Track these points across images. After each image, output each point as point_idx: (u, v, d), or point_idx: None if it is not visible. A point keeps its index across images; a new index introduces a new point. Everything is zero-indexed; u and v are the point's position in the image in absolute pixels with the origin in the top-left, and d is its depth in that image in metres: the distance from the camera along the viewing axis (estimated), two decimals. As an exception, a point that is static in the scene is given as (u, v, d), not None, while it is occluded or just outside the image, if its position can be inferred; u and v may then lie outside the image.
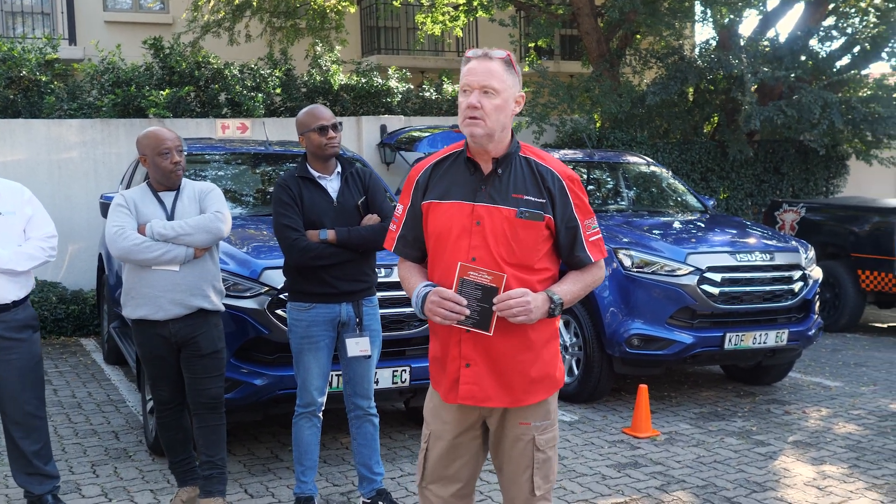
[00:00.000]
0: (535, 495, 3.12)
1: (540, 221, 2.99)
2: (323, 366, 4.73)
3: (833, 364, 8.84)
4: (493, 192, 3.00)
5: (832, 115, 11.36)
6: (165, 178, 4.64)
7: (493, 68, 2.95)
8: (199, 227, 4.54)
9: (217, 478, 4.75)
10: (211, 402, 4.71)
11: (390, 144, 11.69)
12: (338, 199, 4.72)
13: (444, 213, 3.04)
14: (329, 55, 13.47)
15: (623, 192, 8.98)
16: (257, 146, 7.40)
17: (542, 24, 13.28)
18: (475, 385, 3.01)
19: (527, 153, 3.10)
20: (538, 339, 3.04)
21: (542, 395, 3.09)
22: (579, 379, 7.16)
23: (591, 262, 3.10)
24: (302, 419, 4.80)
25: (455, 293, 2.92)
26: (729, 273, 6.97)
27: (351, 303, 4.69)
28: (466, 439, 3.15)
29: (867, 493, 5.29)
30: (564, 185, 3.05)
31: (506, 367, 3.01)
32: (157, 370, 4.73)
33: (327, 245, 4.57)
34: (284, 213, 4.61)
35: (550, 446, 3.15)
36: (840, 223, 10.76)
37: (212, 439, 4.74)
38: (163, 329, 4.60)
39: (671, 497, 5.23)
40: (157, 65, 11.74)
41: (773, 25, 13.32)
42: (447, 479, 3.19)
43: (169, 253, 4.49)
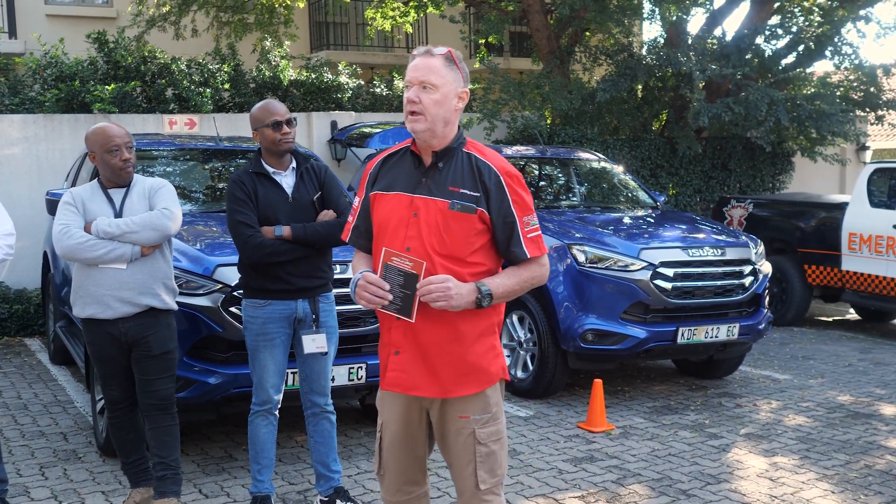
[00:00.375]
0: (480, 489, 3.13)
1: (472, 214, 3.03)
2: (279, 363, 4.68)
3: (782, 357, 8.98)
4: (432, 185, 3.07)
5: (778, 112, 11.53)
6: (115, 176, 4.55)
7: (432, 64, 3.03)
8: (146, 224, 4.45)
9: (171, 478, 4.67)
10: (162, 402, 4.64)
11: (341, 140, 11.62)
12: (293, 195, 4.67)
13: (387, 205, 3.12)
14: (278, 50, 13.33)
15: (575, 188, 9.02)
16: (207, 142, 7.29)
17: (492, 21, 13.28)
18: (402, 373, 3.07)
19: (470, 149, 3.14)
20: (469, 331, 3.06)
21: (474, 389, 3.10)
22: (534, 374, 7.18)
23: (528, 257, 3.11)
24: (258, 417, 4.74)
25: (379, 278, 2.99)
26: (681, 268, 7.03)
27: (307, 299, 4.65)
28: (412, 429, 3.19)
29: (818, 484, 5.38)
30: (502, 181, 3.07)
31: (434, 356, 3.05)
32: (107, 370, 4.65)
33: (282, 241, 4.53)
34: (239, 210, 4.55)
35: (494, 440, 3.15)
36: (787, 219, 10.93)
37: (164, 440, 4.66)
38: (112, 328, 4.52)
39: (627, 491, 5.26)
40: (102, 59, 11.52)
41: (720, 23, 13.48)
42: (398, 468, 3.24)
43: (114, 251, 4.41)
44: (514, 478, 5.46)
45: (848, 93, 13.13)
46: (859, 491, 5.27)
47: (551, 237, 7.19)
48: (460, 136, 3.14)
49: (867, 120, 14.25)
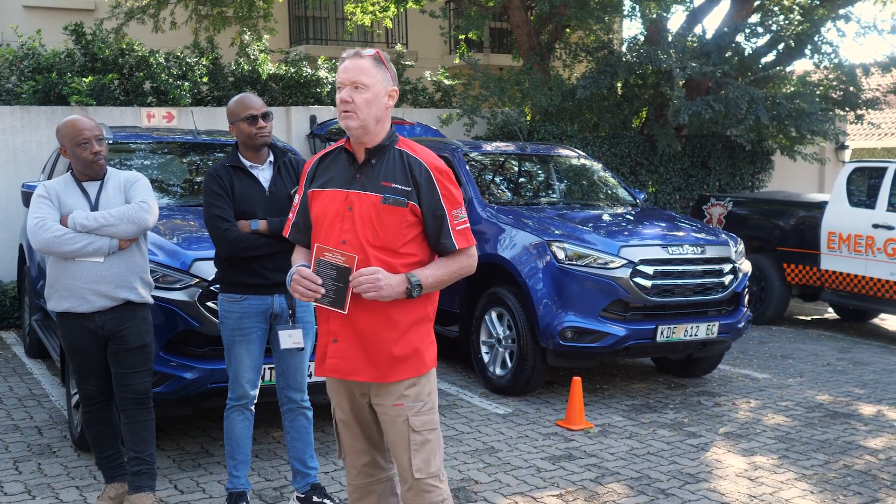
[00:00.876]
0: (416, 477, 3.26)
1: (403, 207, 3.19)
2: (255, 358, 4.65)
3: (761, 356, 8.98)
4: (365, 181, 3.23)
5: (758, 110, 11.53)
6: (87, 169, 4.51)
7: (362, 65, 3.19)
8: (123, 217, 4.42)
9: (146, 473, 4.64)
10: (139, 396, 4.60)
11: (320, 135, 11.55)
12: (270, 189, 4.66)
13: (324, 200, 3.28)
14: (257, 44, 13.23)
15: (555, 184, 8.98)
16: (185, 135, 7.25)
17: (472, 17, 13.22)
18: (341, 359, 3.24)
19: (402, 146, 3.31)
20: (402, 319, 3.22)
21: (408, 374, 3.26)
22: (513, 372, 7.14)
23: (456, 248, 3.28)
24: (234, 412, 4.70)
25: (312, 272, 3.17)
26: (661, 266, 7.00)
27: (283, 294, 4.61)
28: (357, 412, 3.38)
29: (797, 484, 5.36)
30: (432, 176, 3.25)
31: (370, 343, 3.21)
32: (83, 364, 4.61)
33: (259, 235, 4.52)
34: (215, 204, 4.54)
35: (428, 429, 3.29)
36: (766, 217, 10.95)
37: (140, 435, 4.62)
38: (89, 322, 4.48)
39: (606, 489, 5.23)
40: (79, 51, 11.41)
41: (700, 21, 13.48)
42: (356, 452, 3.44)
43: (92, 244, 4.38)
44: (492, 475, 5.42)
45: (827, 92, 13.17)
46: (838, 491, 5.26)
47: (531, 234, 7.14)
48: (392, 133, 3.31)
49: (846, 119, 14.30)
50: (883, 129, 18.89)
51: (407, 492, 3.32)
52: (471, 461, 5.68)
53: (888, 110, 17.76)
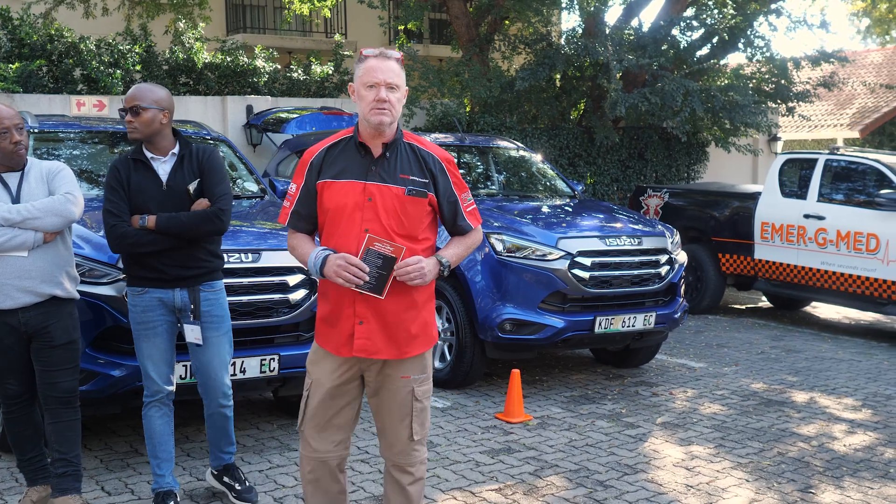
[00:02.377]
0: (414, 440, 3.63)
1: (424, 198, 3.50)
2: (163, 351, 4.55)
3: (697, 345, 9.09)
4: (383, 173, 3.47)
5: (693, 102, 11.67)
6: (6, 159, 4.32)
7: (393, 67, 3.44)
8: (48, 209, 4.26)
9: (72, 475, 4.48)
10: (65, 395, 4.44)
11: (257, 125, 11.40)
12: (167, 183, 4.51)
13: (339, 191, 3.48)
14: (192, 32, 13.01)
15: (493, 176, 8.97)
16: (115, 124, 7.05)
17: (411, 7, 13.18)
18: (368, 340, 3.48)
19: (409, 139, 3.59)
20: (420, 298, 3.55)
21: (422, 349, 3.59)
22: (451, 364, 7.11)
23: (472, 228, 3.67)
24: (151, 408, 4.61)
25: (360, 260, 3.37)
26: (599, 257, 7.03)
27: (185, 289, 4.53)
28: (346, 389, 3.61)
29: (733, 473, 5.42)
30: (444, 167, 3.57)
31: (392, 323, 3.49)
32: (4, 362, 4.42)
33: (146, 232, 4.40)
34: (108, 198, 4.45)
35: (426, 397, 3.66)
36: (701, 208, 11.08)
37: (66, 435, 4.47)
38: (11, 318, 4.31)
39: (545, 482, 5.23)
40: (6, 36, 11.11)
41: (637, 14, 13.60)
42: (323, 425, 3.63)
43: (16, 238, 4.22)
44: (430, 471, 5.37)
45: (760, 85, 13.38)
46: (773, 479, 5.33)
47: (470, 226, 7.11)
48: (399, 128, 3.58)
49: (778, 111, 14.54)
50: (813, 121, 19.26)
51: (398, 454, 3.66)
52: (410, 455, 5.64)
53: (818, 103, 18.10)
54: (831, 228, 9.53)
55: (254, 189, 6.98)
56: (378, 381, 3.60)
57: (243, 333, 5.26)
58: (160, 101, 4.49)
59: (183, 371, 5.05)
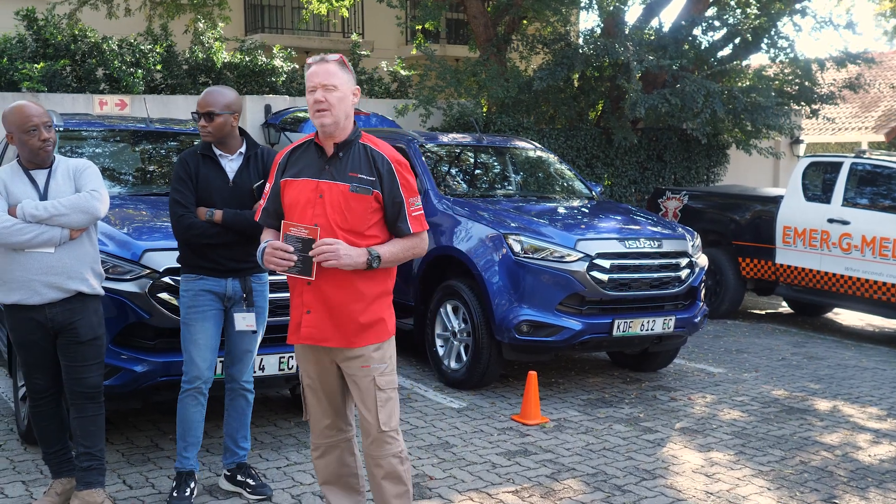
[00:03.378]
0: (382, 430, 3.74)
1: (368, 195, 3.64)
2: (210, 337, 4.68)
3: (716, 351, 8.97)
4: (334, 171, 3.67)
5: (714, 104, 11.54)
6: (34, 156, 4.38)
7: (329, 69, 3.62)
8: (75, 206, 4.31)
9: (96, 469, 4.53)
10: (89, 391, 4.49)
11: (275, 125, 11.41)
12: (234, 180, 4.72)
13: (296, 189, 3.71)
14: (211, 32, 13.02)
15: (511, 177, 8.88)
16: (138, 123, 7.11)
17: (429, 7, 13.12)
18: (314, 328, 3.67)
19: (365, 141, 3.74)
20: (368, 292, 3.67)
21: (374, 340, 3.71)
22: (468, 365, 7.03)
23: (412, 232, 3.75)
24: (188, 397, 4.73)
25: (283, 243, 3.58)
26: (618, 260, 6.93)
27: (238, 279, 4.70)
28: (325, 376, 3.81)
29: (754, 480, 5.32)
30: (392, 168, 3.70)
31: (339, 313, 3.65)
32: (31, 357, 4.48)
33: (212, 224, 4.60)
34: (177, 188, 4.65)
35: (391, 388, 3.78)
36: (722, 211, 10.94)
37: (90, 430, 4.51)
38: (38, 314, 4.36)
39: (562, 485, 5.14)
40: (31, 37, 11.21)
41: (658, 14, 13.48)
42: (320, 413, 3.88)
43: (43, 235, 4.27)
44: (446, 471, 5.31)
45: (783, 86, 13.24)
46: (795, 488, 5.21)
47: (486, 226, 7.04)
48: (356, 129, 3.74)
49: (801, 113, 14.39)
50: (837, 123, 19.07)
51: (370, 444, 3.77)
52: (425, 456, 5.57)
53: (843, 105, 17.90)
54: (856, 233, 9.38)
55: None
56: (347, 373, 3.77)
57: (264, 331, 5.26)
58: (231, 104, 4.70)
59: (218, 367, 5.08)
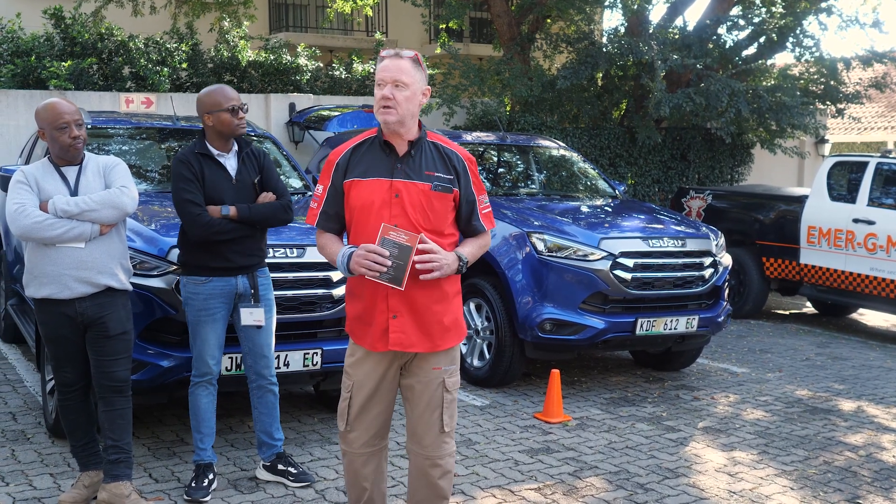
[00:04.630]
0: (444, 431, 3.69)
1: (449, 194, 3.59)
2: (219, 337, 4.81)
3: (739, 350, 8.94)
4: (408, 170, 3.55)
5: (739, 103, 11.49)
6: (64, 153, 4.45)
7: (402, 65, 3.52)
8: (105, 202, 4.38)
9: (123, 462, 4.58)
10: (118, 384, 4.54)
11: (299, 123, 11.46)
12: (236, 178, 4.83)
13: (366, 189, 3.56)
14: (236, 31, 13.10)
15: (534, 175, 8.89)
16: (164, 121, 7.19)
17: (453, 6, 13.14)
18: (402, 333, 3.55)
19: (433, 139, 3.68)
20: (450, 291, 3.64)
21: (454, 342, 3.68)
22: (490, 363, 7.05)
23: (486, 230, 3.74)
24: (198, 388, 4.84)
25: (379, 247, 3.43)
26: (641, 259, 6.93)
27: (246, 275, 4.81)
28: (385, 385, 3.69)
29: (777, 480, 5.31)
30: (466, 166, 3.66)
31: (424, 316, 3.57)
32: (61, 351, 4.54)
33: (228, 221, 4.68)
34: (186, 189, 4.67)
35: (456, 388, 3.73)
36: (746, 211, 10.90)
37: (118, 423, 4.57)
38: (68, 308, 4.42)
39: (584, 483, 5.16)
40: (58, 35, 11.33)
41: (682, 13, 13.43)
42: (368, 424, 3.72)
43: (74, 230, 4.33)
44: (469, 468, 5.34)
45: (808, 85, 13.15)
46: (819, 488, 5.21)
47: (510, 225, 7.06)
48: (423, 127, 3.65)
49: (827, 113, 14.29)
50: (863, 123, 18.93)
51: (429, 445, 3.69)
52: (448, 454, 5.60)
53: (869, 104, 17.76)
54: (882, 234, 9.32)
55: (297, 185, 7.04)
56: (411, 375, 3.69)
57: (287, 327, 5.38)
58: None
59: (229, 363, 5.17)
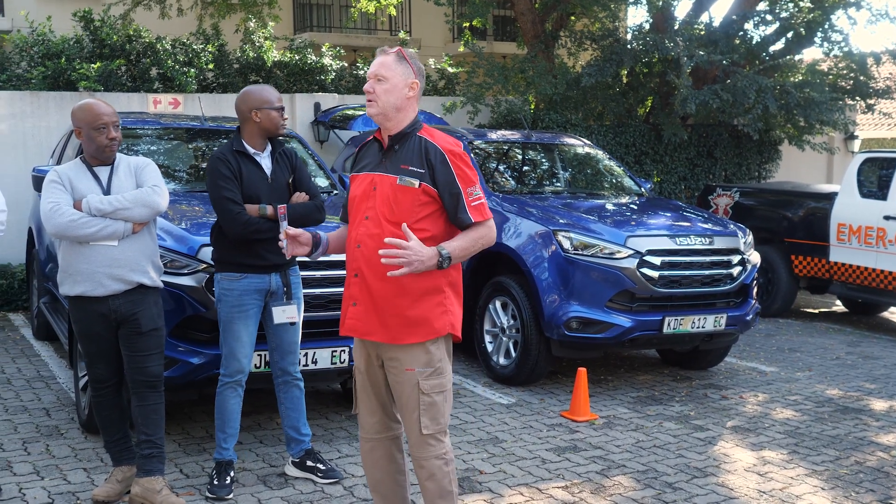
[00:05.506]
0: (423, 434, 3.66)
1: (415, 187, 3.57)
2: (251, 335, 4.84)
3: (768, 349, 8.86)
4: (388, 164, 3.65)
5: (766, 99, 11.38)
6: (99, 153, 4.55)
7: (385, 60, 3.62)
8: (137, 200, 4.47)
9: (157, 457, 4.65)
10: (151, 380, 4.63)
11: (324, 122, 11.48)
12: (271, 177, 4.87)
13: (357, 183, 3.75)
14: (261, 31, 13.16)
15: (559, 173, 8.85)
16: (191, 121, 7.26)
17: (477, 4, 13.12)
18: (357, 321, 3.65)
19: (423, 133, 3.68)
20: (413, 288, 3.57)
21: (419, 338, 3.60)
22: (516, 361, 7.03)
23: (472, 222, 3.63)
24: (227, 389, 4.87)
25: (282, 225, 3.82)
26: (668, 256, 6.88)
27: (279, 273, 4.84)
28: (374, 371, 3.76)
29: (807, 480, 5.25)
30: (446, 158, 3.61)
31: (383, 307, 3.60)
32: (94, 347, 4.62)
33: (266, 220, 4.72)
34: (225, 186, 4.70)
35: (437, 392, 3.66)
36: (774, 208, 10.80)
37: (151, 418, 4.65)
38: (102, 306, 4.51)
39: (612, 482, 5.13)
40: (88, 37, 11.45)
41: (707, 9, 13.33)
42: (370, 408, 3.82)
43: (107, 228, 4.42)
44: (496, 466, 5.32)
45: (837, 81, 13.01)
46: (850, 488, 5.14)
47: (535, 223, 7.02)
48: (415, 122, 3.69)
49: (856, 108, 14.14)
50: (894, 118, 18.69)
51: (413, 446, 3.70)
52: (475, 451, 5.59)
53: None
54: (913, 231, 9.20)
55: (324, 184, 7.05)
56: (389, 373, 3.71)
57: (315, 325, 5.41)
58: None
59: (258, 360, 5.20)
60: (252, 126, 4.82)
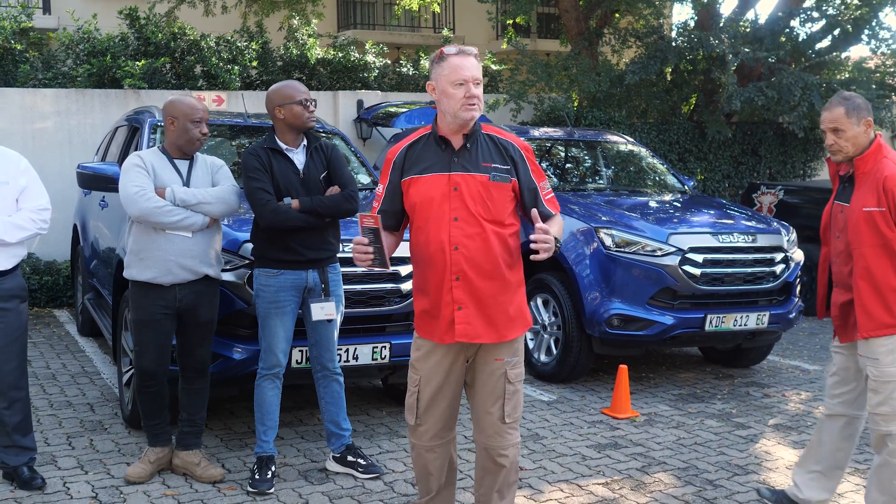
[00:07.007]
0: (506, 422, 3.71)
1: (507, 183, 3.63)
2: (288, 329, 4.88)
3: (811, 348, 8.81)
4: (465, 163, 3.62)
5: (812, 97, 11.31)
6: (188, 146, 4.77)
7: (475, 63, 3.61)
8: (219, 197, 4.71)
9: (196, 433, 4.97)
10: (201, 365, 4.90)
11: (367, 120, 11.57)
12: (304, 172, 4.89)
13: (425, 185, 3.64)
14: (305, 29, 13.28)
15: (602, 170, 8.87)
16: (235, 118, 7.32)
17: (520, 1, 13.16)
18: (468, 324, 3.59)
19: (488, 130, 3.73)
20: (513, 281, 3.65)
21: (519, 332, 3.70)
22: (558, 359, 7.07)
23: (553, 214, 3.73)
24: (265, 381, 4.92)
25: (360, 236, 3.55)
26: (711, 254, 6.88)
27: (316, 269, 4.86)
28: (452, 377, 3.73)
29: (850, 478, 5.24)
30: (523, 154, 3.71)
31: (490, 307, 3.60)
32: (149, 336, 4.77)
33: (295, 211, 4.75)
34: (256, 178, 4.75)
35: (519, 380, 3.73)
36: (818, 206, 10.62)
37: (196, 401, 4.93)
38: (167, 294, 4.68)
39: (652, 479, 5.16)
40: (133, 35, 11.59)
41: (753, 6, 13.27)
42: (436, 417, 3.77)
43: (188, 219, 4.62)
44: (536, 462, 5.37)
45: (884, 78, 12.88)
46: (892, 485, 5.12)
47: (577, 220, 7.06)
48: (477, 121, 3.69)
49: (903, 106, 13.97)
50: (941, 116, 18.41)
51: (492, 436, 3.73)
52: (515, 448, 5.64)
53: (947, 98, 17.26)
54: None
55: (366, 181, 7.11)
56: (475, 367, 3.73)
57: (356, 321, 5.46)
58: None
59: (299, 356, 5.24)
60: (279, 123, 4.86)
